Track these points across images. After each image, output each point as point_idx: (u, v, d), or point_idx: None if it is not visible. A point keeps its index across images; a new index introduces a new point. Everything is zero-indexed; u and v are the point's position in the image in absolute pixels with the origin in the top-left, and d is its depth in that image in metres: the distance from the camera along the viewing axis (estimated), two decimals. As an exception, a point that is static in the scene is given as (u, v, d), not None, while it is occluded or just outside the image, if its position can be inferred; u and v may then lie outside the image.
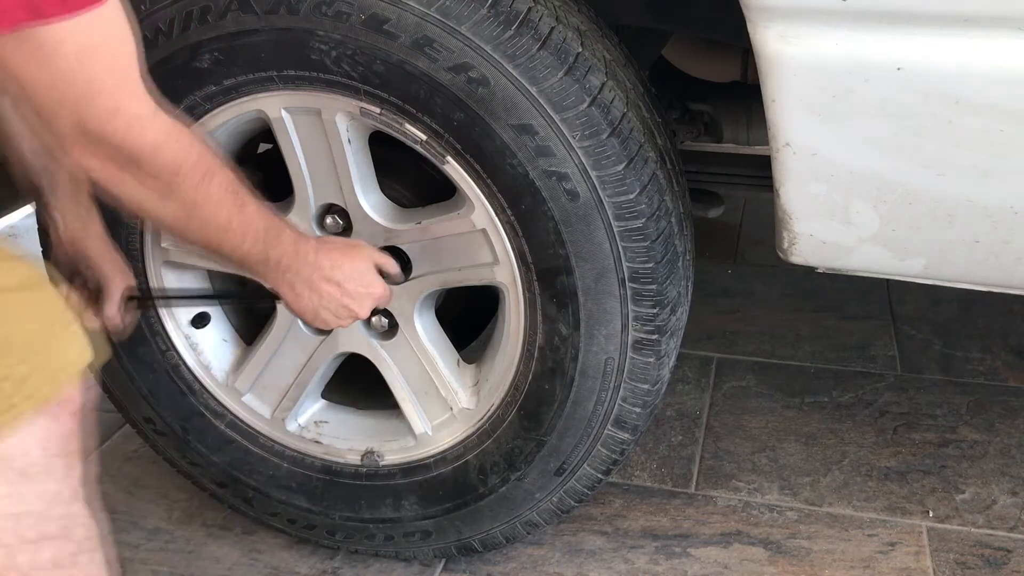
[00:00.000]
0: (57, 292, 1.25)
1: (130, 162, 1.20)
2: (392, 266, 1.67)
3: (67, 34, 1.08)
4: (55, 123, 1.15)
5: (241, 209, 1.37)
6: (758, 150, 2.21)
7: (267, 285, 1.54)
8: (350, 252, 1.60)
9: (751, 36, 1.39)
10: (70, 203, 1.59)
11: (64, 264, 1.64)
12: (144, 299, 1.78)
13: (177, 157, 1.24)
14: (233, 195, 1.35)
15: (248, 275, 1.55)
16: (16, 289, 1.19)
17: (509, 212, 1.57)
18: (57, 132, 1.16)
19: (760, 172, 2.15)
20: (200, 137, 1.30)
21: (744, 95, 2.24)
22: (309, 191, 1.69)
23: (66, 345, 1.22)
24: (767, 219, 1.63)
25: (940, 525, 2.06)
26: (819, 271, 1.64)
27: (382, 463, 1.90)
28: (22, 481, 1.20)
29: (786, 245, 1.59)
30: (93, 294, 1.66)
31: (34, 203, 1.61)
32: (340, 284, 1.56)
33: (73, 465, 1.25)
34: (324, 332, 1.83)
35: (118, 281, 1.66)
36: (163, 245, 1.81)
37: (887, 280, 1.65)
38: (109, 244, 1.65)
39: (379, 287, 1.62)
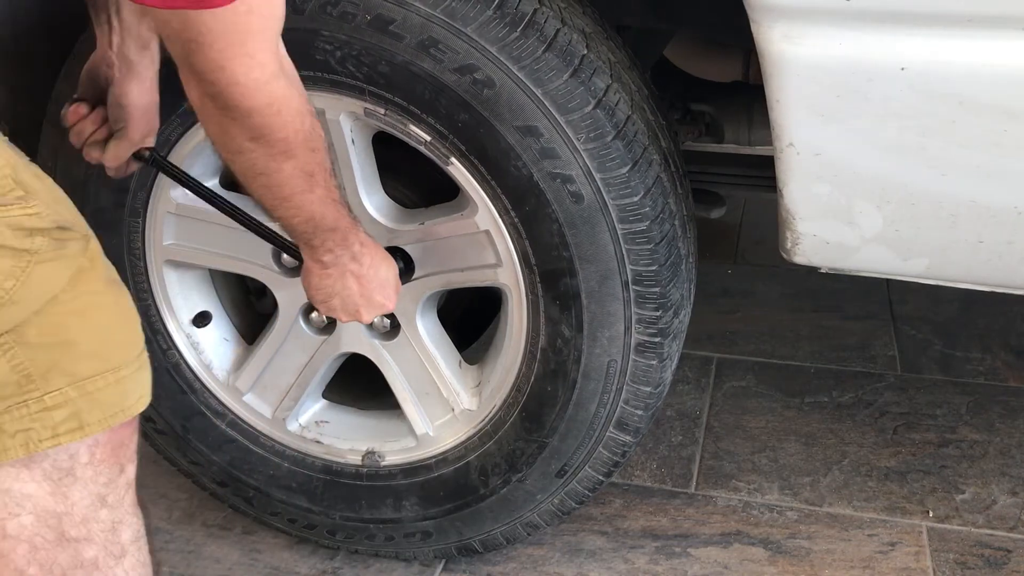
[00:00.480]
0: (139, 320, 1.25)
1: (221, 109, 1.19)
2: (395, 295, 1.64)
3: None
4: (171, 44, 1.16)
5: (306, 192, 1.35)
6: (760, 150, 2.20)
7: (303, 253, 1.52)
8: (387, 261, 1.59)
9: (755, 36, 1.39)
10: (131, 28, 1.49)
11: (91, 84, 1.53)
12: (158, 165, 1.61)
13: (263, 127, 1.22)
14: (306, 178, 1.33)
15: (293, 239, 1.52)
16: (101, 294, 1.20)
17: (513, 214, 1.57)
18: (173, 52, 1.17)
19: (762, 172, 2.14)
20: (307, 117, 1.29)
21: (746, 95, 2.24)
22: (312, 191, 1.68)
23: (128, 389, 1.22)
24: (767, 219, 1.63)
25: (940, 525, 2.06)
26: (822, 271, 1.64)
27: (383, 463, 1.90)
28: (68, 481, 1.21)
29: (789, 245, 1.59)
30: (104, 130, 1.55)
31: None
32: (366, 284, 1.54)
33: (123, 470, 1.26)
34: (325, 331, 1.83)
35: (136, 135, 1.54)
36: (165, 244, 1.80)
37: (887, 280, 1.66)
38: (155, 91, 1.55)
39: (391, 303, 1.61)
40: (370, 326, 1.80)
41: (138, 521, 1.28)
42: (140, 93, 1.51)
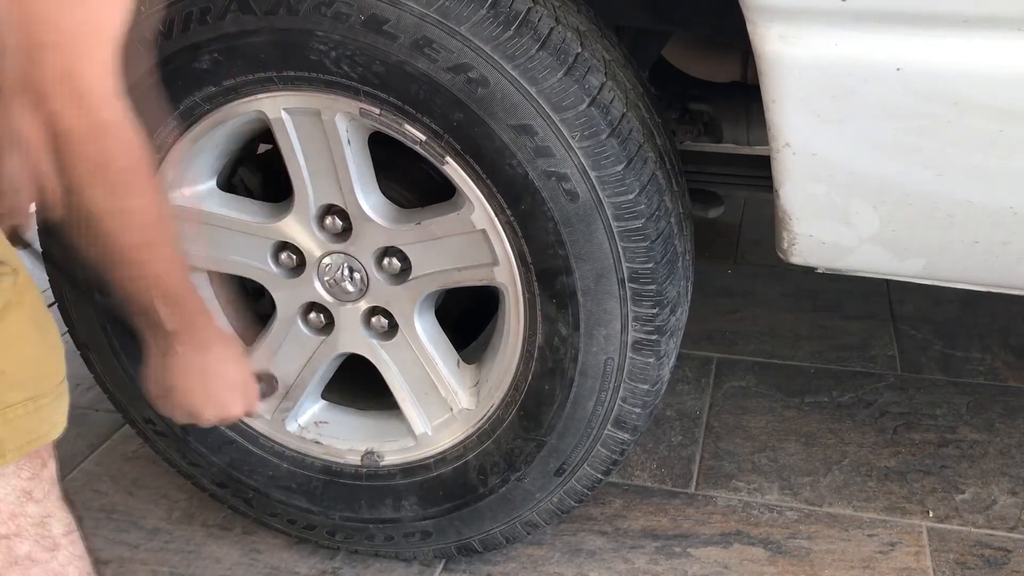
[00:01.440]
0: (62, 349, 1.23)
1: (56, 136, 1.09)
2: (254, 402, 1.57)
3: None
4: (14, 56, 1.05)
5: (151, 247, 1.25)
6: (758, 150, 2.21)
7: (146, 335, 1.41)
8: (239, 362, 1.50)
9: (751, 37, 1.39)
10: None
11: None
12: (23, 244, 1.54)
13: (104, 153, 1.13)
14: (153, 227, 1.23)
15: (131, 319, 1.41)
16: (28, 327, 1.18)
17: (509, 212, 1.57)
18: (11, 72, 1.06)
19: (760, 172, 2.15)
20: (150, 159, 1.19)
21: (744, 95, 2.24)
22: (309, 192, 1.69)
23: (45, 416, 1.21)
24: (767, 219, 1.63)
25: (940, 525, 2.06)
26: (819, 271, 1.64)
27: (382, 463, 1.90)
28: None
29: (786, 245, 1.59)
30: None
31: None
32: (209, 382, 1.45)
33: (45, 464, 1.26)
34: (323, 332, 1.83)
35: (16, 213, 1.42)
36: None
37: (887, 280, 1.65)
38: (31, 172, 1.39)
39: (237, 410, 1.52)
40: (368, 325, 1.81)
41: (68, 516, 1.28)
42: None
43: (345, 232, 1.72)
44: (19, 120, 1.08)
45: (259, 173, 1.89)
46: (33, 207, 1.33)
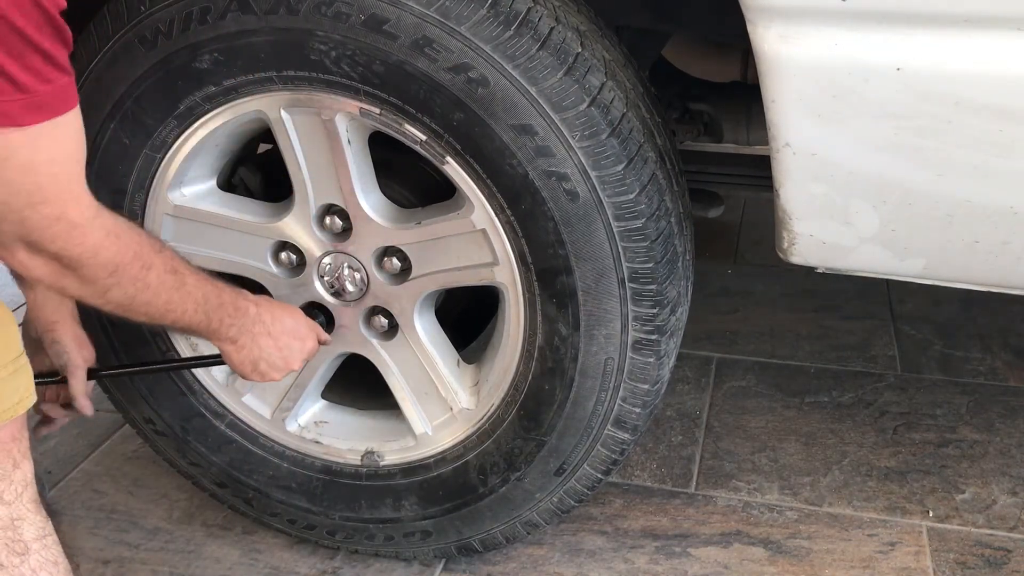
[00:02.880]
0: (15, 325, 1.27)
1: (71, 266, 1.22)
2: (322, 333, 1.74)
3: (18, 144, 1.08)
4: (4, 223, 1.15)
5: (180, 288, 1.41)
6: (758, 150, 2.21)
7: (213, 343, 1.59)
8: (286, 309, 1.66)
9: (751, 36, 1.39)
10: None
11: (31, 342, 1.65)
12: (105, 373, 1.80)
13: (115, 257, 1.26)
14: (172, 275, 1.39)
15: (195, 337, 1.60)
16: None
17: (509, 212, 1.57)
18: (1, 238, 1.17)
19: (760, 172, 2.15)
20: (138, 230, 1.34)
21: (744, 95, 2.24)
22: (309, 191, 1.69)
23: (4, 392, 1.23)
24: (767, 219, 1.63)
25: (940, 525, 2.06)
26: (819, 271, 1.64)
27: (382, 463, 1.90)
28: None
29: (786, 245, 1.59)
30: (56, 376, 1.69)
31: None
32: (278, 337, 1.62)
33: (17, 465, 1.26)
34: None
35: (81, 361, 1.68)
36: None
37: (887, 280, 1.65)
38: (79, 325, 1.68)
39: (312, 342, 1.69)
40: (368, 325, 1.81)
41: (42, 519, 1.29)
42: (72, 326, 1.65)
43: (345, 232, 1.72)
44: (27, 271, 1.22)
45: (259, 173, 1.89)
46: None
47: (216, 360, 1.67)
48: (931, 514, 2.09)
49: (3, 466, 1.24)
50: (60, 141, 1.13)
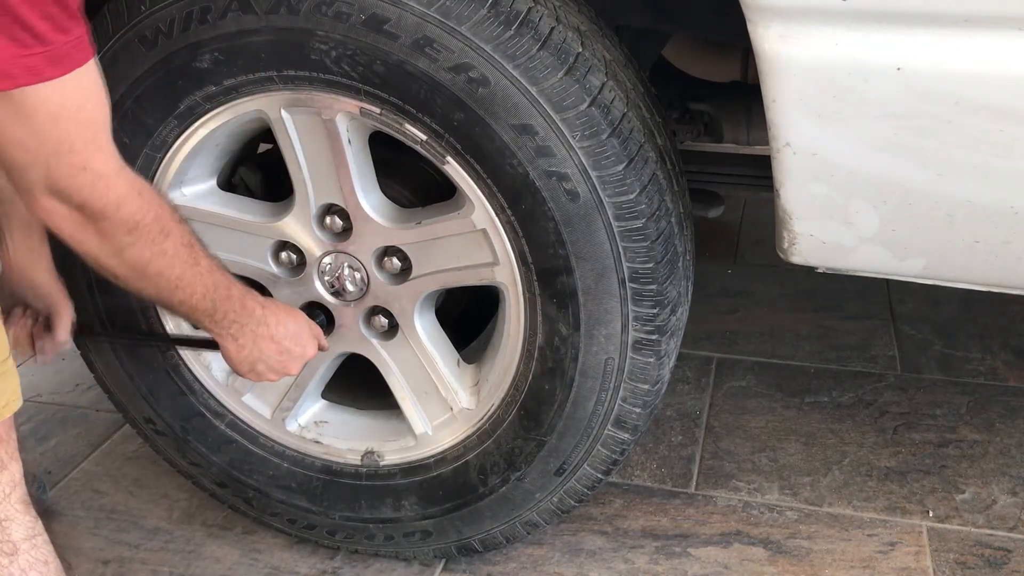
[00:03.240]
0: (0, 330, 1.28)
1: (92, 217, 1.24)
2: (322, 337, 1.73)
3: (46, 95, 1.11)
4: (24, 176, 1.18)
5: (194, 265, 1.42)
6: (758, 150, 2.21)
7: (211, 335, 1.58)
8: (291, 313, 1.66)
9: (751, 36, 1.39)
10: (22, 234, 1.63)
11: (9, 292, 1.67)
12: (92, 333, 1.82)
13: (135, 214, 1.28)
14: (188, 250, 1.40)
15: (195, 325, 1.59)
16: None
17: (509, 212, 1.57)
18: (25, 184, 1.19)
19: (760, 172, 2.15)
20: (161, 194, 1.37)
21: (744, 95, 2.24)
22: (309, 191, 1.69)
23: None
24: (767, 219, 1.63)
25: (940, 525, 2.06)
26: (819, 271, 1.64)
27: (382, 463, 1.90)
28: None
29: (786, 245, 1.59)
30: (41, 322, 1.71)
31: None
32: (279, 342, 1.61)
33: (5, 466, 1.26)
34: (323, 331, 1.83)
35: (65, 311, 1.71)
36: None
37: (887, 280, 1.65)
38: (56, 276, 1.69)
39: (312, 349, 1.69)
40: (369, 325, 1.81)
41: (31, 520, 1.29)
42: (50, 275, 1.67)
43: (345, 232, 1.72)
44: (48, 218, 1.24)
45: (259, 172, 1.89)
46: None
47: (212, 345, 1.64)
48: (931, 514, 2.09)
49: None
50: (85, 89, 1.16)
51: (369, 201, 1.68)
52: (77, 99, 1.15)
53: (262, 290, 1.85)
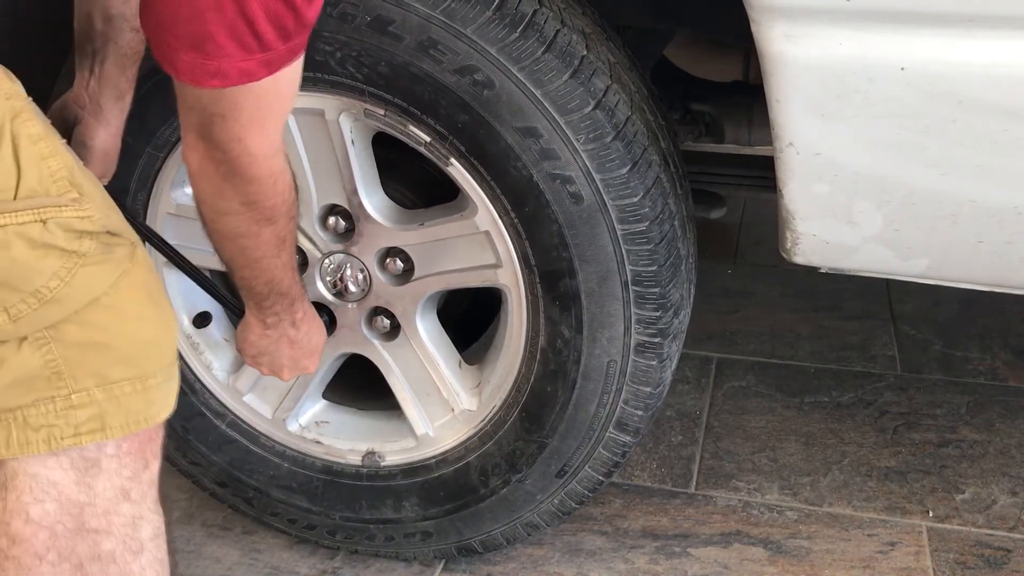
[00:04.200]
0: (175, 331, 1.28)
1: (222, 174, 1.23)
2: (317, 360, 1.71)
3: (246, 89, 1.14)
4: (187, 117, 1.20)
5: (275, 257, 1.41)
6: (760, 150, 2.20)
7: (248, 311, 1.57)
8: (320, 330, 1.66)
9: (755, 36, 1.39)
10: (115, 68, 1.50)
11: (60, 119, 1.52)
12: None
13: (258, 194, 1.27)
14: (278, 242, 1.39)
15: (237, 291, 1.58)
16: (141, 303, 1.21)
17: (513, 214, 1.57)
18: (186, 121, 1.20)
19: (762, 172, 2.14)
20: (290, 189, 1.34)
21: (746, 95, 2.24)
22: (312, 192, 1.69)
23: (154, 397, 1.24)
24: (767, 219, 1.63)
25: (940, 525, 2.06)
26: (822, 271, 1.64)
27: (383, 464, 1.90)
28: (93, 472, 1.22)
29: (789, 245, 1.59)
30: None
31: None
32: (295, 348, 1.61)
33: (148, 465, 1.27)
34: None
35: (96, 175, 1.54)
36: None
37: (887, 280, 1.65)
38: (119, 141, 1.57)
39: (314, 367, 1.68)
40: (370, 326, 1.80)
41: (159, 519, 1.30)
42: (106, 138, 1.54)
43: (348, 232, 1.72)
44: (187, 149, 1.24)
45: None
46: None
47: (237, 311, 1.64)
48: (931, 514, 2.09)
49: (135, 466, 1.25)
50: (278, 85, 1.16)
51: (372, 202, 1.68)
52: (268, 91, 1.16)
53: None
